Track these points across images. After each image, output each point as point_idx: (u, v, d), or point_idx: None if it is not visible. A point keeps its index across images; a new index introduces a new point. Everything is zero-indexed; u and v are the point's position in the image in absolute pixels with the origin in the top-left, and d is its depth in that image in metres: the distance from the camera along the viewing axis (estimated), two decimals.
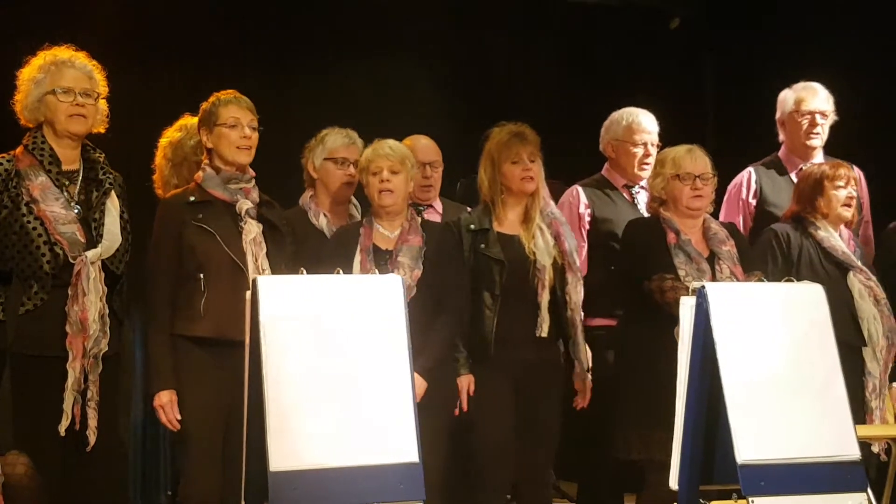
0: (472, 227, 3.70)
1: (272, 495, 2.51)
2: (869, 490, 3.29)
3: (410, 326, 3.38)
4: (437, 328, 3.52)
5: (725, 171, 4.26)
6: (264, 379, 2.57)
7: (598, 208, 4.20)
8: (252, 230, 3.34)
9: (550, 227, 3.73)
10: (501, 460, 3.66)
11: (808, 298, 3.01)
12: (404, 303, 2.80)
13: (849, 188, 3.86)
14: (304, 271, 2.80)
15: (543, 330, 3.64)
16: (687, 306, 2.99)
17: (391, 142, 3.66)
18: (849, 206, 3.86)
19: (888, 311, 3.77)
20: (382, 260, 3.54)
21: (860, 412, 3.69)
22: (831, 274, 3.79)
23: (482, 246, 3.67)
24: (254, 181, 3.45)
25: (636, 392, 3.64)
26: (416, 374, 3.38)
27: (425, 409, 3.39)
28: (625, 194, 4.25)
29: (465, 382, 3.60)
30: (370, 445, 2.65)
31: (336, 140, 3.86)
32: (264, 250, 3.34)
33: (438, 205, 4.14)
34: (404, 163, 3.62)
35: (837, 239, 3.86)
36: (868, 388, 3.72)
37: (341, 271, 2.85)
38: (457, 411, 3.60)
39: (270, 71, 5.13)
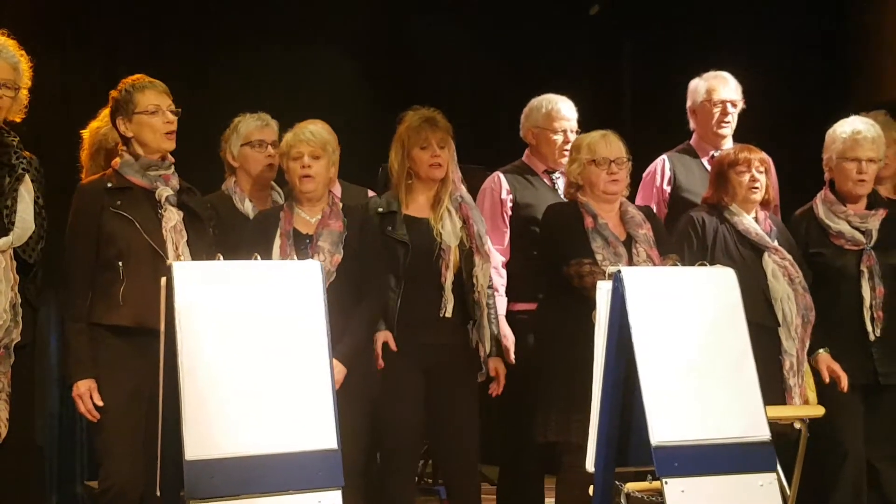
0: (381, 209, 3.69)
1: (187, 484, 2.45)
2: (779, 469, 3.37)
3: (330, 312, 3.40)
4: (358, 314, 3.49)
5: (645, 158, 4.30)
6: (179, 367, 2.51)
7: (520, 194, 4.21)
8: (172, 218, 3.28)
9: (459, 211, 3.73)
10: (410, 444, 3.65)
11: (721, 282, 3.04)
12: (323, 288, 2.76)
13: (753, 171, 3.89)
14: (221, 257, 2.74)
15: (448, 310, 3.63)
16: (603, 290, 3.00)
17: (312, 126, 3.62)
18: (755, 188, 3.89)
19: (803, 290, 3.81)
20: (303, 245, 3.50)
21: (779, 391, 3.74)
22: (746, 257, 3.83)
23: (389, 228, 3.65)
24: (173, 168, 3.37)
25: (555, 375, 3.65)
26: (336, 361, 3.35)
27: (346, 396, 3.40)
28: (545, 180, 4.26)
29: (382, 337, 3.57)
30: (288, 433, 2.60)
31: (249, 124, 3.83)
32: (185, 238, 3.27)
33: (337, 188, 4.09)
34: (325, 147, 3.58)
35: (751, 221, 3.90)
36: (785, 366, 3.76)
37: (259, 257, 2.80)
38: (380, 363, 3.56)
39: (187, 56, 5.04)
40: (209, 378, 2.55)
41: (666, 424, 2.82)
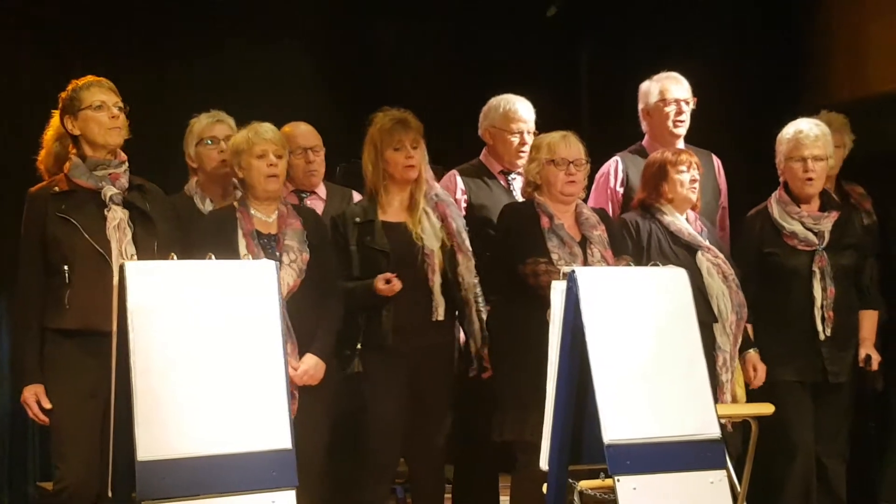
0: (358, 219, 3.67)
1: (139, 485, 2.43)
2: (730, 466, 3.40)
3: (301, 310, 3.41)
4: (328, 311, 3.50)
5: (601, 159, 4.31)
6: (132, 367, 2.49)
7: (475, 194, 4.20)
8: (116, 217, 3.25)
9: (436, 210, 3.72)
10: (390, 443, 3.65)
11: (673, 282, 3.05)
12: (278, 288, 2.74)
13: (691, 172, 3.92)
14: (175, 257, 2.71)
15: (439, 313, 3.64)
16: (558, 290, 3.01)
17: (270, 125, 3.60)
18: (693, 189, 3.92)
19: (736, 287, 3.85)
20: (268, 244, 3.47)
21: (712, 386, 3.77)
22: (680, 256, 3.85)
23: (367, 238, 3.64)
24: (125, 166, 3.34)
25: (510, 374, 3.66)
26: (316, 358, 3.43)
27: (311, 395, 3.40)
28: (501, 181, 4.25)
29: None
30: (242, 433, 2.58)
31: (202, 122, 3.83)
32: (129, 236, 3.24)
33: (322, 190, 4.10)
34: (286, 147, 3.59)
35: (683, 221, 3.93)
36: (718, 362, 3.79)
37: (213, 256, 2.77)
38: None
39: (147, 57, 4.97)
40: (162, 378, 2.53)
41: (618, 423, 2.84)
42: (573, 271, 2.96)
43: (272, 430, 2.60)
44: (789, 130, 4.07)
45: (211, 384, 2.59)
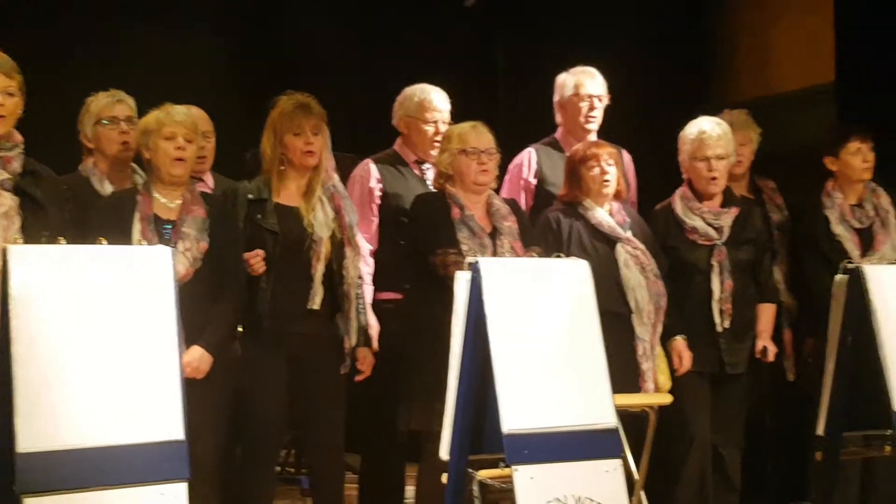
0: (251, 196, 3.58)
1: (19, 478, 2.32)
2: (629, 454, 3.41)
3: (195, 300, 3.28)
4: (223, 303, 3.40)
5: (517, 150, 4.29)
6: (13, 356, 2.37)
7: (389, 183, 4.14)
8: (4, 204, 3.09)
9: (332, 201, 3.65)
10: (271, 434, 3.58)
11: (574, 274, 3.06)
12: (173, 275, 2.65)
13: (603, 165, 3.92)
14: (63, 241, 2.59)
15: (315, 302, 3.55)
16: (462, 280, 2.98)
17: (182, 108, 3.49)
18: (607, 182, 3.92)
19: (654, 277, 3.86)
20: (164, 230, 3.37)
21: (634, 376, 3.79)
22: (600, 249, 3.86)
23: (258, 216, 3.55)
24: (18, 149, 3.19)
25: (419, 364, 3.62)
26: (202, 350, 3.32)
27: (206, 387, 3.31)
28: (416, 170, 4.20)
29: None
30: (132, 423, 2.50)
31: (101, 102, 3.68)
32: (17, 224, 3.07)
33: (210, 179, 3.98)
34: (196, 131, 3.48)
35: (603, 214, 3.93)
36: (638, 351, 3.81)
37: (105, 241, 2.66)
38: None
39: (44, 37, 4.77)
40: (47, 367, 2.42)
41: (517, 413, 2.83)
42: (477, 262, 2.94)
43: (164, 421, 2.52)
44: (692, 130, 4.09)
45: (99, 373, 2.50)
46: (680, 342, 3.94)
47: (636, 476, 3.58)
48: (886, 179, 4.21)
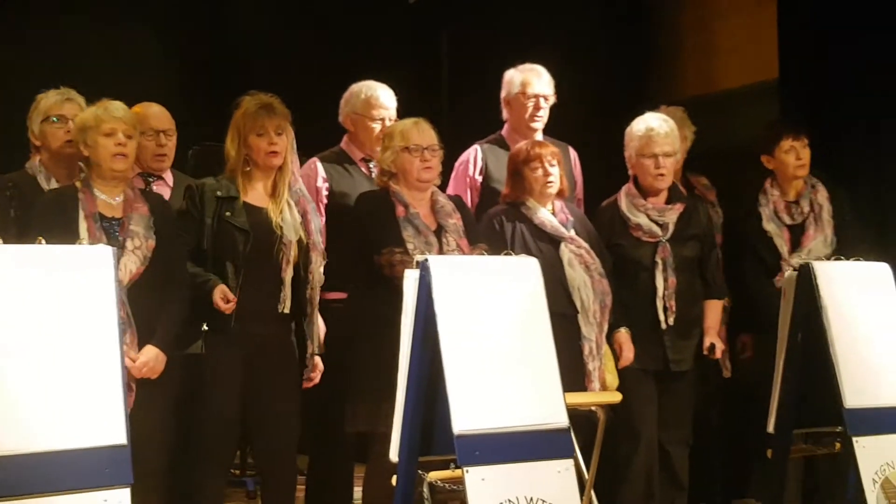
0: (219, 193, 3.50)
1: None
2: (579, 454, 3.38)
3: (144, 298, 3.22)
4: (172, 300, 3.33)
5: (462, 147, 4.25)
6: None
7: (336, 182, 4.08)
8: None
9: (298, 205, 3.59)
10: (226, 435, 3.51)
11: (525, 271, 3.01)
12: (115, 275, 2.55)
13: (546, 165, 3.89)
14: (1, 241, 2.48)
15: (286, 306, 3.51)
16: (411, 279, 2.92)
17: (121, 104, 3.40)
18: (550, 182, 3.89)
19: (599, 276, 3.85)
20: (111, 228, 3.27)
21: (581, 376, 3.77)
22: (544, 249, 3.82)
23: (227, 213, 3.47)
24: None
25: (365, 365, 3.56)
26: (156, 349, 3.26)
27: (156, 386, 3.24)
28: (363, 168, 4.14)
29: (219, 293, 3.43)
30: (72, 428, 2.40)
31: (50, 98, 3.60)
32: None
33: (170, 177, 3.90)
34: (136, 127, 3.40)
35: (545, 214, 3.90)
36: (585, 351, 3.78)
37: (43, 240, 2.55)
38: None
39: None
40: None
41: (468, 413, 2.77)
42: (426, 260, 2.88)
43: (105, 425, 2.42)
44: (640, 127, 4.08)
45: (38, 376, 2.39)
46: (623, 334, 3.92)
47: (586, 475, 3.56)
48: (830, 174, 4.24)
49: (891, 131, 4.44)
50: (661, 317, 3.97)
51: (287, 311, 3.51)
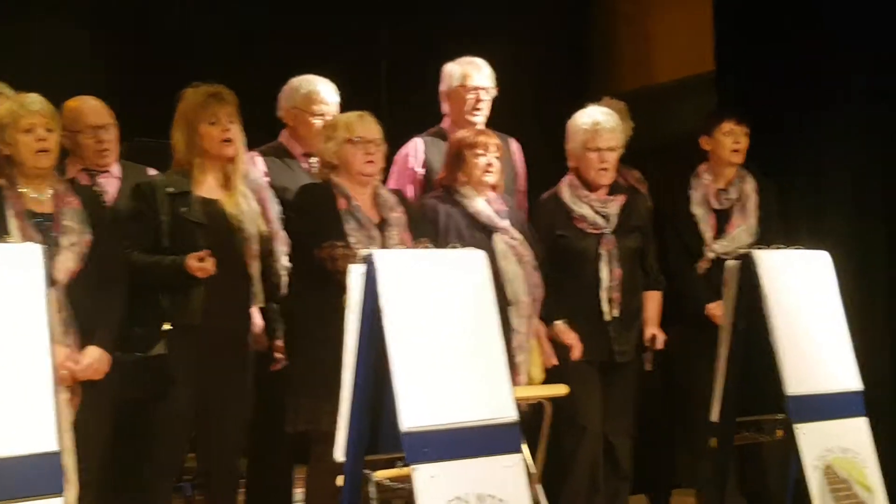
0: (171, 189, 3.37)
1: None
2: (525, 448, 3.33)
3: (84, 297, 3.10)
4: (111, 298, 3.21)
5: (402, 141, 4.17)
6: None
7: (276, 176, 3.96)
8: None
9: (255, 194, 3.48)
10: (182, 435, 3.42)
11: (472, 264, 2.94)
12: (45, 274, 2.42)
13: (489, 155, 3.85)
14: None
15: (259, 300, 3.42)
16: (356, 274, 2.84)
17: (37, 96, 3.23)
18: (490, 171, 3.84)
19: (531, 269, 3.81)
20: (42, 225, 3.13)
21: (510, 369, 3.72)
22: (478, 239, 3.76)
23: (183, 209, 3.35)
24: None
25: (306, 362, 3.47)
26: (99, 349, 3.14)
27: (95, 389, 3.13)
28: (303, 163, 4.04)
29: None
30: (1, 436, 2.26)
31: None
32: None
33: (117, 168, 3.75)
34: (56, 120, 3.24)
35: (482, 203, 3.85)
36: (513, 344, 3.73)
37: None
38: None
39: None
40: None
41: (416, 410, 2.70)
42: (371, 254, 2.80)
43: (35, 432, 2.29)
44: (586, 121, 4.05)
45: None
46: (561, 325, 3.89)
47: (532, 469, 3.52)
48: (763, 168, 4.26)
49: (828, 123, 4.48)
50: (606, 308, 3.94)
51: (262, 304, 3.42)
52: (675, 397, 4.29)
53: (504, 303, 3.72)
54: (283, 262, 3.51)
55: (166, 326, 3.32)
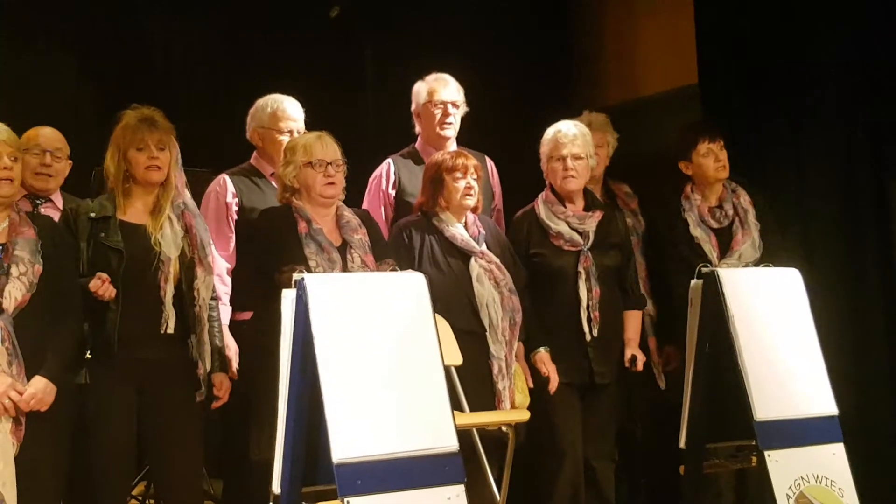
0: (93, 214, 3.28)
1: None
2: (490, 476, 3.17)
3: (32, 327, 3.02)
4: (61, 329, 3.12)
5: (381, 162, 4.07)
6: None
7: (246, 197, 3.88)
8: None
9: (181, 219, 3.36)
10: (120, 464, 3.28)
11: (411, 288, 2.80)
12: None
13: (468, 178, 3.72)
14: None
15: (169, 326, 3.27)
16: (289, 299, 2.70)
17: (2, 125, 3.19)
18: (470, 195, 3.72)
19: (509, 293, 3.66)
20: None
21: (491, 396, 3.56)
22: (453, 265, 3.65)
23: (101, 235, 3.26)
24: None
25: (266, 389, 3.31)
26: (45, 380, 3.06)
27: (43, 420, 3.04)
28: (273, 183, 3.92)
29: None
30: None
31: None
32: None
33: (59, 199, 3.70)
34: (20, 149, 3.21)
35: (458, 228, 3.73)
36: (494, 370, 3.59)
37: None
38: None
39: None
40: None
41: (348, 440, 2.56)
42: (302, 278, 2.66)
43: None
44: (549, 132, 3.96)
45: None
46: (543, 354, 3.73)
47: (497, 498, 3.35)
48: (750, 178, 4.09)
49: (812, 135, 4.30)
50: (586, 328, 3.78)
51: (171, 331, 3.27)
52: (671, 419, 4.09)
53: (481, 328, 3.60)
54: (206, 290, 3.36)
55: (88, 355, 3.22)
